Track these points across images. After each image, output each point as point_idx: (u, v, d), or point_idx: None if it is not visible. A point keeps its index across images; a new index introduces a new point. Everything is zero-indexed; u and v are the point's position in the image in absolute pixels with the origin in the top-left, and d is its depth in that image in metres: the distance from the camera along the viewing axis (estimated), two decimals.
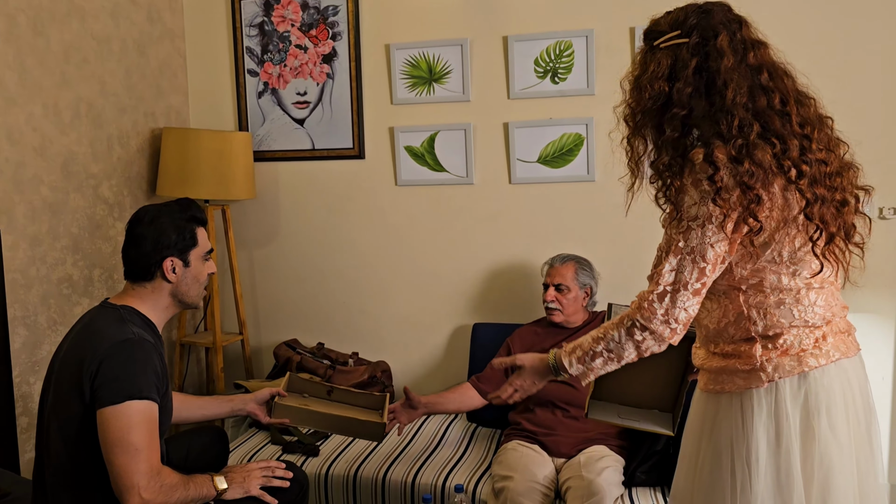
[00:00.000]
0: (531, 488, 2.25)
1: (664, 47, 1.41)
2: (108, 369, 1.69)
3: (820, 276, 1.41)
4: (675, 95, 1.38)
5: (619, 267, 3.01)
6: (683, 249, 1.37)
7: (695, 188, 1.36)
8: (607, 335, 1.47)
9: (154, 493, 1.68)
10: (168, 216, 1.84)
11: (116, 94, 3.00)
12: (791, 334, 1.39)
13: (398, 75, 3.16)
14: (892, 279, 2.79)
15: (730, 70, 1.36)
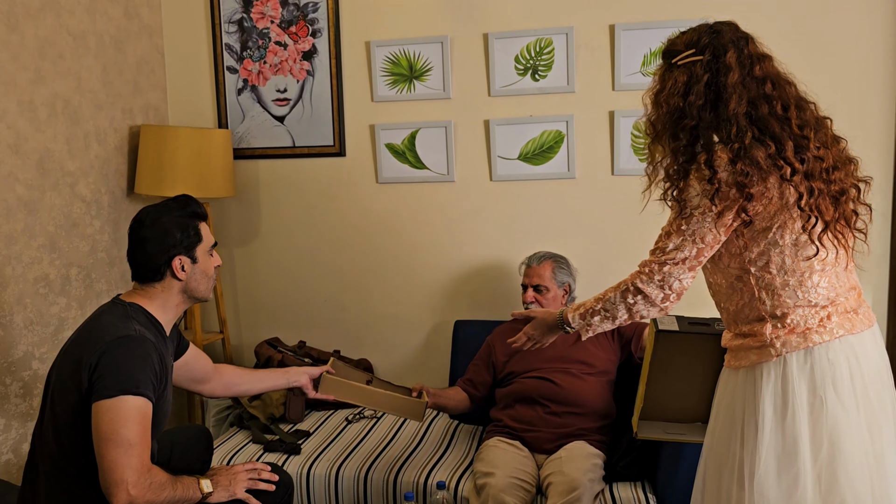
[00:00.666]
0: (512, 484, 2.25)
1: (681, 65, 1.59)
2: (107, 363, 1.71)
3: (822, 260, 1.54)
4: (687, 108, 1.56)
5: (599, 263, 3.03)
6: (685, 231, 1.55)
7: (698, 183, 1.54)
8: (606, 296, 1.68)
9: (142, 490, 1.68)
10: (169, 215, 1.86)
11: (93, 91, 2.96)
12: (797, 314, 1.53)
13: (378, 72, 3.15)
14: (866, 274, 2.82)
15: (735, 84, 1.53)
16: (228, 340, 3.39)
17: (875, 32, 2.73)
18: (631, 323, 2.68)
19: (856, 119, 2.78)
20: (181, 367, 2.09)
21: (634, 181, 2.97)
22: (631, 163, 2.97)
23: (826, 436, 1.51)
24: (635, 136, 2.95)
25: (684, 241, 1.56)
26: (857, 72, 2.76)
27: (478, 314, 3.18)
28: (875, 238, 2.81)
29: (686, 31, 1.63)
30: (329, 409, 3.08)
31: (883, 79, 2.74)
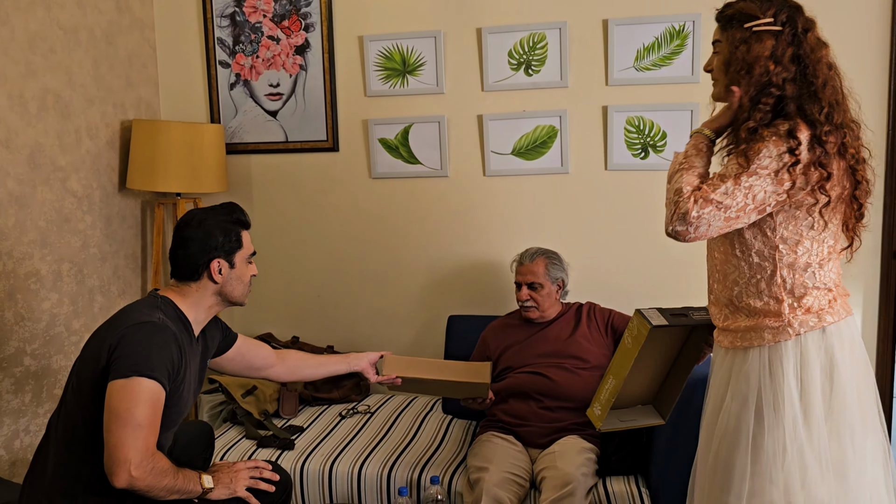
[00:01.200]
0: (506, 479, 2.26)
1: (759, 31, 1.60)
2: (126, 344, 1.75)
3: (838, 247, 1.65)
4: (774, 78, 1.57)
5: (593, 258, 3.03)
6: (742, 183, 1.54)
7: (775, 147, 1.54)
8: (694, 162, 1.67)
9: (144, 472, 1.69)
10: (215, 219, 1.92)
11: (84, 85, 2.94)
12: (812, 296, 1.61)
13: (372, 67, 3.14)
14: (857, 268, 2.84)
15: (820, 63, 1.60)
16: None
17: (869, 24, 2.74)
18: (622, 317, 2.71)
19: None
20: (235, 357, 2.18)
21: (628, 176, 3.00)
22: (624, 158, 2.97)
23: (836, 404, 1.60)
24: (628, 132, 2.96)
25: (737, 191, 1.54)
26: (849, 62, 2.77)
27: (471, 309, 3.18)
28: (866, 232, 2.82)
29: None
30: (323, 405, 3.08)
31: (874, 69, 2.74)
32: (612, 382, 1.92)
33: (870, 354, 2.86)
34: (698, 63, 2.85)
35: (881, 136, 2.77)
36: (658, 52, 2.89)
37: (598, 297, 2.87)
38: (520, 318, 2.78)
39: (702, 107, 2.88)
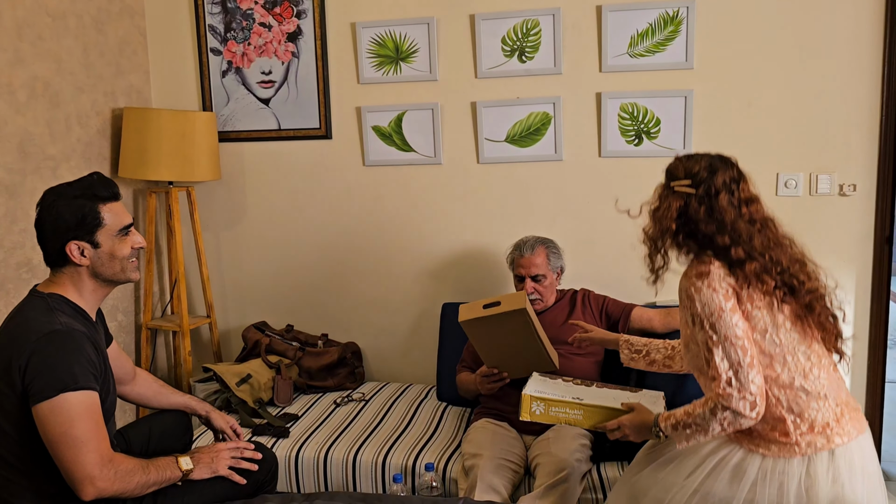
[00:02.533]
0: (501, 465, 2.27)
1: (677, 190, 1.78)
2: (38, 363, 1.64)
3: (818, 355, 1.71)
4: (704, 228, 1.74)
5: (586, 245, 3.03)
6: (718, 341, 1.66)
7: (703, 291, 1.69)
8: (695, 411, 1.71)
9: (109, 482, 1.66)
10: (65, 199, 1.74)
11: (74, 73, 2.92)
12: (813, 408, 1.66)
13: (364, 54, 3.12)
14: (847, 254, 2.85)
15: (733, 220, 1.74)
16: (215, 325, 3.38)
17: (861, 17, 2.73)
18: (617, 304, 2.71)
19: (842, 99, 2.79)
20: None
21: (621, 163, 3.00)
22: (618, 145, 2.97)
23: None
24: (622, 118, 2.95)
25: (724, 349, 1.65)
26: (842, 53, 2.77)
27: (466, 297, 3.18)
28: (859, 217, 2.83)
29: (690, 157, 1.83)
30: (318, 393, 3.08)
31: (867, 53, 2.74)
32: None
33: (862, 339, 2.88)
34: (692, 49, 2.85)
35: (874, 121, 2.76)
36: (652, 38, 2.87)
37: (592, 284, 2.87)
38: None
39: (696, 93, 2.88)
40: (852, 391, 2.92)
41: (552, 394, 1.99)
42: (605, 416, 1.92)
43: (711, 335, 1.66)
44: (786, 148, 2.85)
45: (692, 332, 1.72)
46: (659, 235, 1.81)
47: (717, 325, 1.66)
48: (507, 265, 2.78)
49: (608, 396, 2.05)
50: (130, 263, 1.84)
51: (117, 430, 2.05)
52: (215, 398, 2.97)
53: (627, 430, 1.87)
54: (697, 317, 1.69)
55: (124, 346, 3.23)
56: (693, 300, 1.69)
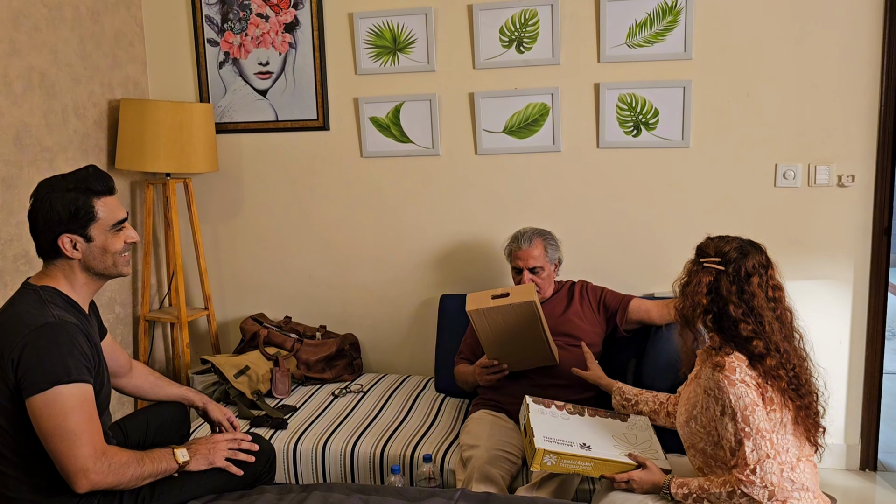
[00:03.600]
0: (498, 456, 2.27)
1: (706, 266, 1.85)
2: (31, 356, 1.63)
3: (805, 452, 1.83)
4: (733, 312, 1.80)
5: (584, 236, 3.03)
6: (752, 432, 1.74)
7: (738, 385, 1.76)
8: (710, 489, 1.79)
9: (103, 475, 1.65)
10: (59, 192, 1.73)
11: (70, 64, 2.90)
12: (794, 497, 1.75)
13: (362, 45, 3.11)
14: (846, 245, 2.85)
15: (760, 306, 1.81)
16: (213, 317, 3.37)
17: (860, 7, 2.72)
18: (615, 295, 2.71)
19: (841, 90, 2.78)
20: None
21: (620, 154, 2.99)
22: (616, 136, 2.96)
23: None
24: (620, 109, 2.94)
25: (755, 440, 1.73)
26: (841, 44, 2.75)
27: (464, 288, 3.18)
28: (858, 209, 2.82)
29: (722, 238, 1.90)
30: (316, 384, 3.09)
31: (867, 44, 2.73)
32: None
33: (860, 331, 2.89)
34: (691, 40, 2.83)
35: (873, 112, 2.76)
36: (650, 28, 2.86)
37: (590, 275, 2.87)
38: None
39: (694, 84, 2.87)
40: (849, 383, 2.93)
41: (562, 445, 1.99)
42: (614, 469, 1.96)
43: (744, 427, 1.74)
44: (784, 139, 2.85)
45: (719, 421, 1.78)
46: (690, 310, 1.86)
47: (750, 418, 1.74)
48: (505, 257, 2.77)
49: (608, 437, 2.08)
50: (122, 258, 1.83)
51: (115, 422, 2.05)
52: (213, 390, 2.97)
53: (636, 486, 1.92)
54: (730, 408, 1.76)
55: (122, 339, 3.23)
56: (725, 392, 1.76)
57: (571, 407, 2.21)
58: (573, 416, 2.16)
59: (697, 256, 1.91)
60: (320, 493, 1.84)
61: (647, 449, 2.06)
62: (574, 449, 1.97)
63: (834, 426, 2.94)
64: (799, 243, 2.88)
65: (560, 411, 2.18)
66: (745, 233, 2.97)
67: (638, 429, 2.16)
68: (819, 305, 2.89)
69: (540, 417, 2.09)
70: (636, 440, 2.10)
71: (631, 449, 2.04)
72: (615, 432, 2.11)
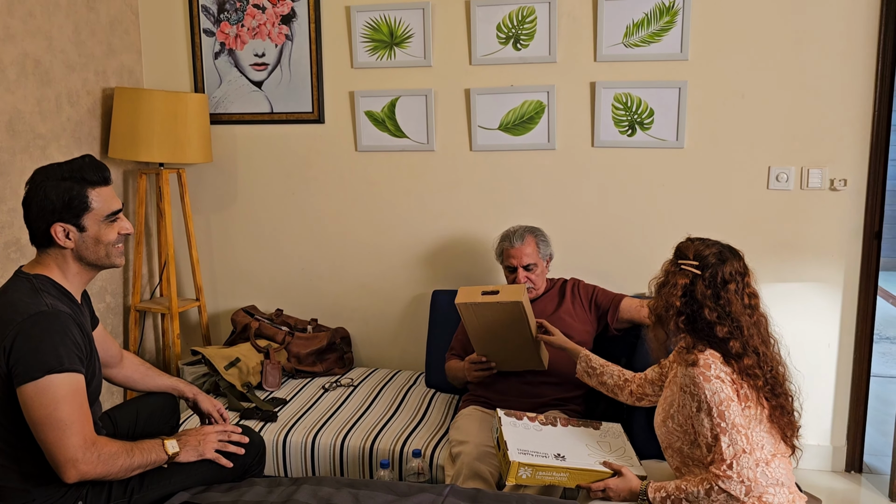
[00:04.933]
0: (487, 453, 2.27)
1: (683, 268, 1.86)
2: (23, 344, 1.63)
3: (779, 450, 1.85)
4: (707, 315, 1.82)
5: (578, 235, 3.04)
6: (727, 428, 1.75)
7: (713, 381, 1.78)
8: (688, 488, 1.79)
9: (92, 465, 1.65)
10: (53, 180, 1.72)
11: (65, 51, 2.89)
12: (769, 493, 1.77)
13: (358, 38, 3.10)
14: (837, 248, 2.87)
15: (737, 311, 1.83)
16: (204, 308, 3.37)
17: (856, 12, 2.73)
18: (606, 294, 2.72)
19: (836, 94, 2.79)
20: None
21: (614, 153, 3.00)
22: (611, 135, 2.96)
23: None
24: (616, 108, 2.94)
25: (731, 435, 1.74)
26: (837, 47, 2.77)
27: (456, 285, 3.18)
28: (849, 212, 2.84)
29: (703, 241, 1.91)
30: (306, 378, 3.09)
31: (862, 50, 2.74)
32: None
33: (848, 334, 2.91)
34: (687, 40, 2.84)
35: (867, 117, 2.77)
36: (647, 28, 2.87)
37: (582, 274, 2.88)
38: None
39: (690, 84, 2.88)
40: (837, 386, 2.95)
41: (537, 456, 1.98)
42: (590, 479, 1.96)
43: (720, 423, 1.75)
44: (778, 141, 2.86)
45: (695, 418, 1.80)
46: (664, 310, 1.88)
47: (725, 413, 1.75)
48: (496, 257, 2.77)
49: (581, 445, 2.08)
50: (116, 249, 1.82)
51: (105, 412, 2.05)
52: (204, 381, 2.97)
53: (612, 494, 1.93)
54: (705, 404, 1.77)
55: (112, 328, 3.22)
56: (701, 387, 1.78)
57: (543, 418, 2.20)
58: (546, 427, 2.16)
59: (676, 257, 1.92)
60: (310, 487, 1.84)
61: (621, 456, 2.06)
62: (549, 460, 1.97)
63: (820, 428, 2.96)
64: (790, 246, 2.90)
65: (532, 423, 2.16)
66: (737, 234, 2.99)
67: (611, 436, 2.17)
68: (808, 308, 2.91)
69: (512, 430, 2.08)
70: (610, 448, 2.10)
71: (606, 457, 2.04)
72: (588, 441, 2.12)
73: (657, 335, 1.94)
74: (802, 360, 1.96)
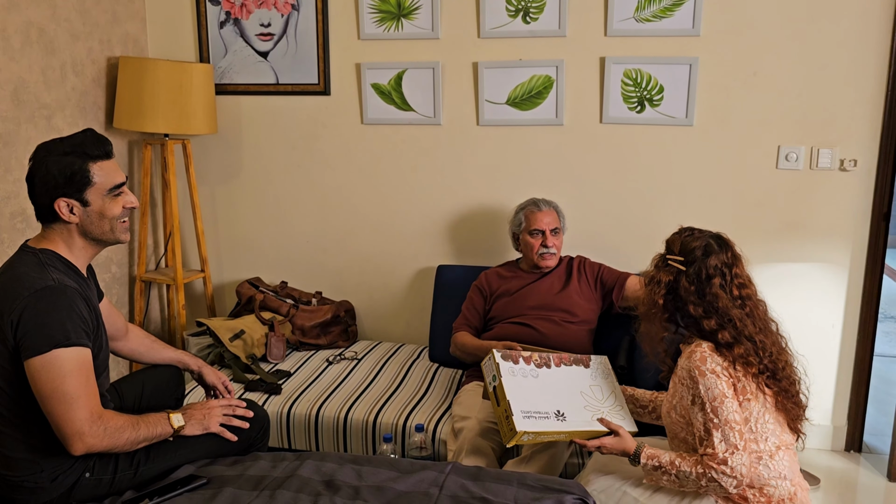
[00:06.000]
0: (489, 429, 2.29)
1: (669, 264, 1.88)
2: (30, 318, 1.64)
3: (784, 440, 1.84)
4: (693, 311, 1.83)
5: (584, 212, 3.02)
6: (720, 424, 1.75)
7: (708, 376, 1.78)
8: (681, 466, 1.79)
9: (98, 438, 1.67)
10: (55, 155, 1.72)
11: (69, 20, 2.86)
12: (771, 485, 1.79)
13: (366, 9, 3.06)
14: (844, 229, 2.85)
15: (725, 305, 1.82)
16: (209, 279, 3.38)
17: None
18: (612, 272, 2.71)
19: (848, 73, 2.75)
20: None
21: (623, 130, 2.97)
22: (620, 111, 2.93)
23: None
24: (625, 84, 2.91)
25: (724, 431, 1.74)
26: (850, 26, 2.72)
27: (461, 260, 3.19)
28: (858, 193, 2.82)
29: (691, 234, 1.90)
30: (310, 350, 3.10)
31: (876, 30, 2.70)
32: (501, 406, 2.05)
33: (853, 314, 2.90)
34: (700, 15, 2.79)
35: (880, 97, 2.73)
36: (660, 2, 2.82)
37: (587, 250, 2.87)
38: (513, 268, 2.79)
39: (701, 61, 2.84)
40: (840, 365, 2.96)
41: (540, 418, 1.99)
42: (586, 436, 1.99)
43: (713, 418, 1.76)
44: (789, 120, 2.82)
45: (691, 410, 1.81)
46: (649, 308, 1.91)
47: (719, 409, 1.75)
48: (515, 226, 2.76)
49: (577, 394, 2.09)
50: (121, 224, 1.82)
51: (111, 384, 2.06)
52: (208, 352, 2.99)
53: (606, 452, 1.95)
54: (699, 398, 1.78)
55: (118, 299, 3.24)
56: (697, 382, 1.79)
57: (538, 357, 2.18)
58: (541, 371, 2.15)
59: (665, 251, 1.93)
60: (313, 462, 1.86)
61: (613, 405, 2.09)
62: (550, 422, 1.98)
63: (821, 408, 2.98)
64: (797, 226, 2.88)
65: (528, 366, 2.15)
66: (745, 214, 2.97)
67: (601, 376, 2.19)
68: (814, 288, 2.90)
69: (512, 381, 2.06)
70: (602, 394, 2.12)
71: (600, 405, 2.07)
72: (582, 386, 2.13)
73: (647, 329, 1.95)
74: (806, 341, 1.95)
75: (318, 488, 1.75)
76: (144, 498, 1.74)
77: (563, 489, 1.78)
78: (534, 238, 2.69)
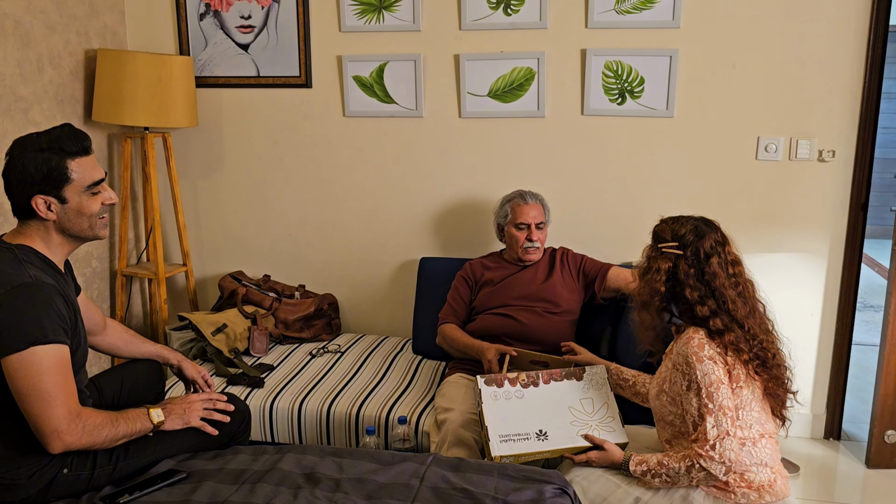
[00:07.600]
0: (472, 420, 2.30)
1: (664, 252, 1.88)
2: (7, 315, 1.62)
3: (768, 429, 1.87)
4: (689, 295, 1.84)
5: (567, 203, 3.03)
6: (714, 409, 1.77)
7: (705, 362, 1.80)
8: (669, 464, 1.82)
9: (77, 436, 1.66)
10: (31, 152, 1.69)
11: (45, 11, 2.82)
12: (751, 472, 1.81)
13: (347, 1, 3.05)
14: (823, 219, 2.88)
15: (722, 284, 1.84)
16: (192, 273, 3.36)
17: None
18: (594, 263, 2.72)
19: (826, 65, 2.77)
20: None
21: (604, 121, 2.98)
22: (601, 103, 2.94)
23: None
24: (606, 76, 2.92)
25: (717, 417, 1.76)
26: (828, 18, 2.74)
27: (444, 252, 3.19)
28: (836, 183, 2.84)
29: (676, 220, 1.91)
30: (293, 344, 3.10)
31: (853, 21, 2.72)
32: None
33: (831, 303, 2.93)
34: (680, 7, 2.80)
35: (857, 89, 2.76)
36: None
37: (570, 242, 2.88)
38: (497, 259, 2.80)
39: (681, 53, 2.85)
40: (819, 354, 2.99)
41: (519, 440, 2.00)
42: (572, 452, 2.01)
43: (707, 403, 1.77)
44: (768, 112, 2.84)
45: (684, 395, 1.82)
46: (649, 297, 1.90)
47: (714, 395, 1.77)
48: (501, 217, 2.76)
49: (564, 410, 2.08)
50: (99, 221, 1.80)
51: (90, 379, 2.05)
52: (191, 347, 2.97)
53: (594, 465, 1.96)
54: (695, 383, 1.79)
55: (98, 293, 3.21)
56: (693, 367, 1.80)
57: (525, 377, 2.15)
58: (528, 391, 2.13)
59: (655, 242, 1.93)
60: (294, 455, 1.86)
61: (604, 417, 2.08)
62: (531, 443, 1.99)
63: (801, 396, 2.99)
64: (776, 216, 2.90)
65: (513, 388, 2.13)
66: (724, 204, 2.99)
67: (595, 386, 2.16)
68: (793, 278, 2.93)
69: (493, 406, 2.07)
70: (593, 406, 2.11)
71: (589, 419, 2.06)
72: (572, 401, 2.11)
73: (643, 319, 1.95)
74: (785, 330, 1.97)
75: (298, 481, 1.75)
76: (123, 493, 1.73)
77: (544, 479, 1.79)
78: (519, 231, 2.70)
